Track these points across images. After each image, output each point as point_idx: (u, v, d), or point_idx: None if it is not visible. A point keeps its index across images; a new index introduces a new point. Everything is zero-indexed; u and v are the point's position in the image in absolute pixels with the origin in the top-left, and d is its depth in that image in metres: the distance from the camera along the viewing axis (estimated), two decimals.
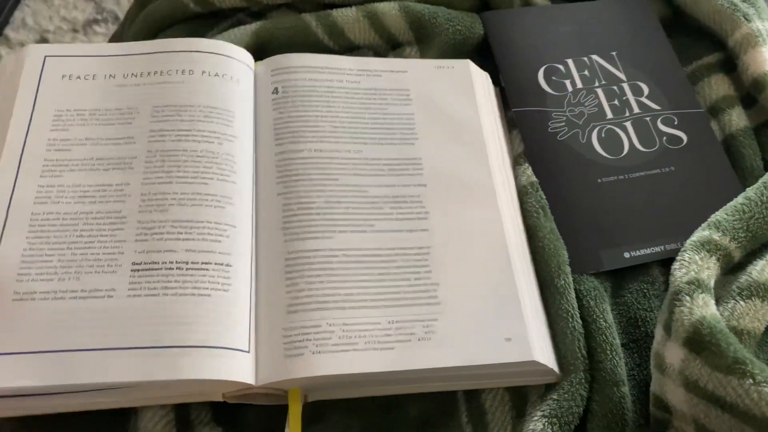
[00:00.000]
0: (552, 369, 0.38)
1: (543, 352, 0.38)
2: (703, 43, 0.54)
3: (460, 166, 0.44)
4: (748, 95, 0.51)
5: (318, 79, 0.47)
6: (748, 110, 0.50)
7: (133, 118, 0.43)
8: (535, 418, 0.37)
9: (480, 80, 0.50)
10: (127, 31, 0.57)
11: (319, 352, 0.37)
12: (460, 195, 0.43)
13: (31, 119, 0.43)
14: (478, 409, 0.39)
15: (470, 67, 0.49)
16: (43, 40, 0.83)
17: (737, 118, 0.49)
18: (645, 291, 0.42)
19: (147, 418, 0.37)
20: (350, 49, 0.53)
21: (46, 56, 0.46)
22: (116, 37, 0.60)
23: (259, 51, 0.51)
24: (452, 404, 0.39)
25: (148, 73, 0.45)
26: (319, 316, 0.38)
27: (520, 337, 0.38)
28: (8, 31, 0.84)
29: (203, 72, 0.45)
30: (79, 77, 0.45)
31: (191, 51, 0.46)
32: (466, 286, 0.40)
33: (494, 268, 0.41)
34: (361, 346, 0.37)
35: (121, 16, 0.97)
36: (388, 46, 0.53)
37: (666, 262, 0.43)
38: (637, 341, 0.41)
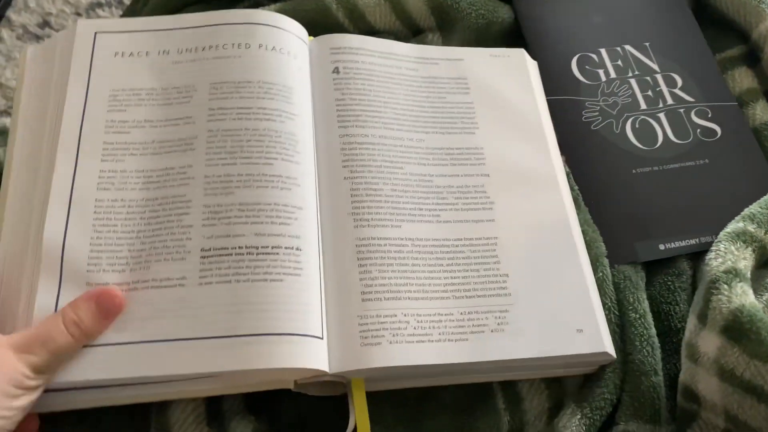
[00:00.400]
0: (613, 357, 0.39)
1: (609, 342, 0.39)
2: (727, 35, 0.54)
3: (522, 155, 0.44)
4: None
5: (377, 63, 0.46)
6: None
7: (191, 97, 0.41)
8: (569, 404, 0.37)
9: (533, 69, 0.50)
10: (140, 10, 0.57)
11: (397, 342, 0.36)
12: (523, 184, 0.43)
13: (86, 100, 0.40)
14: (515, 396, 0.39)
15: (524, 55, 0.49)
16: (45, 24, 0.83)
17: (761, 112, 0.49)
18: (670, 284, 0.42)
19: (179, 410, 0.36)
20: (370, 33, 0.52)
21: (96, 32, 0.43)
22: (127, 16, 0.59)
23: None
24: (488, 391, 0.39)
25: (203, 48, 0.42)
26: (393, 305, 0.37)
27: (591, 328, 0.38)
28: (10, 13, 0.84)
29: (260, 45, 0.43)
30: (132, 54, 0.42)
31: (246, 23, 0.43)
32: (536, 277, 0.40)
33: (561, 258, 0.41)
34: (436, 337, 0.37)
35: None
36: (409, 31, 0.53)
37: (694, 255, 0.43)
38: (660, 335, 0.41)
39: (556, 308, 0.39)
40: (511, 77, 0.48)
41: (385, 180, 0.41)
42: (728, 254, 0.37)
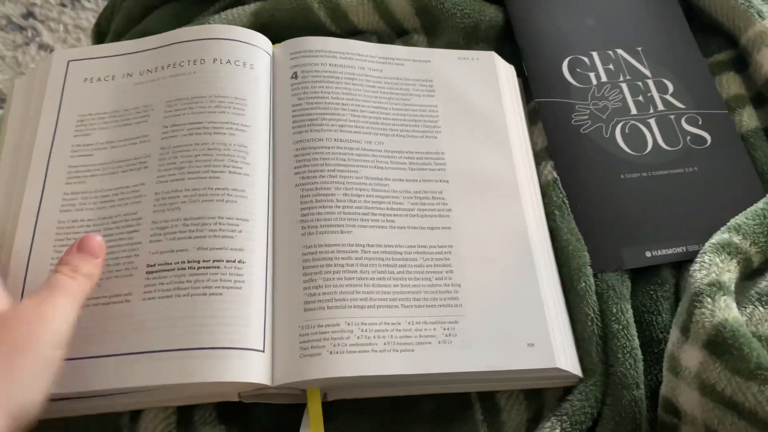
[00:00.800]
0: (574, 374, 0.38)
1: (566, 358, 0.38)
2: (716, 40, 0.53)
3: (484, 162, 0.43)
4: (758, 95, 0.50)
5: (339, 64, 0.45)
6: (759, 110, 0.49)
7: (148, 116, 0.43)
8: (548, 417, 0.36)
9: (505, 73, 0.48)
10: (119, 5, 0.56)
11: (337, 353, 0.36)
12: (483, 192, 0.42)
13: (56, 126, 0.43)
14: (493, 408, 0.39)
15: (495, 59, 0.48)
16: (29, 14, 0.82)
17: (748, 119, 0.49)
18: (653, 293, 0.42)
19: (148, 419, 0.37)
20: (353, 33, 0.51)
21: (69, 61, 0.45)
22: (108, 12, 0.59)
23: (259, 32, 0.49)
24: (466, 402, 0.39)
25: (162, 67, 0.44)
26: (337, 314, 0.37)
27: (543, 343, 0.37)
28: None
29: (214, 60, 0.44)
30: (99, 79, 0.45)
31: (202, 39, 0.44)
32: (489, 288, 0.39)
33: (517, 270, 0.40)
34: (380, 347, 0.36)
35: None
36: (393, 32, 0.52)
37: (678, 265, 0.43)
38: (642, 346, 0.40)
39: (507, 321, 0.38)
40: (479, 81, 0.46)
41: (338, 185, 0.41)
42: (713, 266, 0.37)
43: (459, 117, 0.45)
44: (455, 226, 0.41)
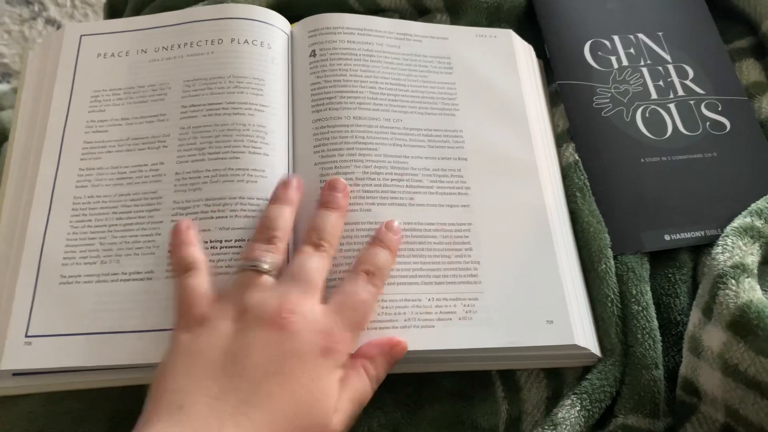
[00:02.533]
0: (593, 352, 0.38)
1: (585, 336, 0.38)
2: (736, 26, 0.53)
3: (502, 140, 0.43)
4: None
5: (356, 41, 0.45)
6: None
7: (165, 94, 0.43)
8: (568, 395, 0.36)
9: (523, 52, 0.48)
10: None
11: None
12: (501, 170, 0.42)
13: (70, 102, 0.43)
14: (514, 385, 0.39)
15: (513, 37, 0.48)
16: None
17: (767, 106, 0.49)
18: (671, 276, 0.42)
19: None
20: (376, 11, 0.51)
21: (81, 35, 0.45)
22: None
23: (282, 10, 0.49)
24: (487, 379, 0.39)
25: (179, 46, 0.44)
26: None
27: (561, 320, 0.38)
28: None
29: (232, 40, 0.44)
30: (113, 55, 0.45)
31: (219, 18, 0.45)
32: (508, 266, 0.39)
33: (536, 248, 0.40)
34: (401, 324, 0.37)
35: None
36: (416, 11, 0.52)
37: (695, 248, 0.43)
38: (660, 327, 0.40)
39: (526, 298, 0.38)
40: (497, 59, 0.47)
41: (357, 163, 0.41)
42: (735, 249, 0.37)
43: (477, 95, 0.45)
44: (474, 203, 0.41)
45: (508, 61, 0.47)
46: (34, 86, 0.44)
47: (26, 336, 0.36)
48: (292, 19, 0.47)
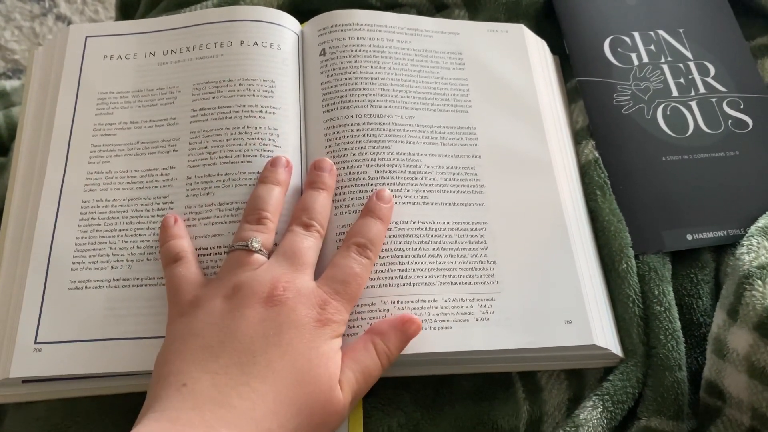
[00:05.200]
0: (613, 352, 0.38)
1: (604, 336, 0.38)
2: (758, 23, 0.53)
3: (515, 137, 0.43)
4: None
5: (366, 37, 0.45)
6: None
7: (174, 98, 0.43)
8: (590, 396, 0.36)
9: (535, 47, 0.48)
10: None
11: None
12: (515, 168, 0.42)
13: (76, 104, 0.43)
14: (534, 386, 0.39)
15: (524, 32, 0.48)
16: None
17: None
18: (693, 276, 0.42)
19: None
20: (393, 6, 0.51)
21: (87, 37, 0.45)
22: None
23: (299, 5, 0.49)
24: (508, 380, 0.39)
25: (187, 48, 0.44)
26: (372, 293, 0.37)
27: (580, 320, 0.37)
28: None
29: (241, 42, 0.44)
30: (120, 57, 0.45)
31: (227, 21, 0.45)
32: (524, 265, 0.39)
33: (552, 247, 0.40)
34: None
35: None
36: (433, 6, 0.51)
37: (718, 248, 0.43)
38: (682, 329, 0.40)
39: (544, 298, 0.38)
40: (508, 54, 0.46)
41: (369, 162, 0.41)
42: (761, 249, 0.36)
43: (489, 90, 0.45)
44: (489, 202, 0.41)
45: (521, 56, 0.46)
46: (40, 87, 0.44)
47: (35, 342, 0.36)
48: (311, 14, 0.47)
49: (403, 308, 0.36)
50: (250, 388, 0.31)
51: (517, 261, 0.39)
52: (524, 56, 0.46)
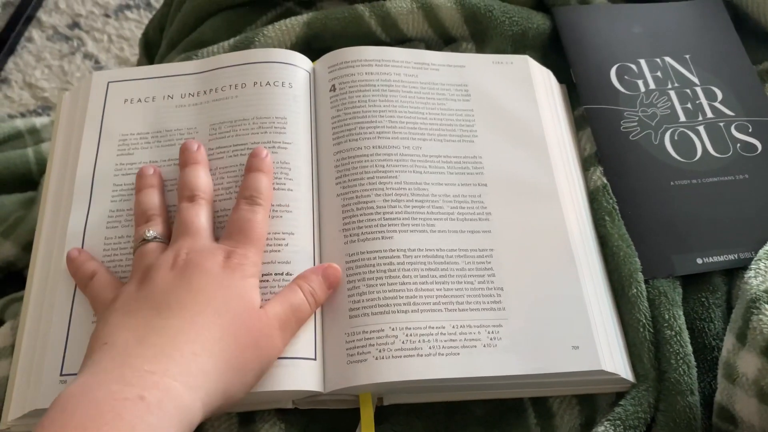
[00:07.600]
0: (622, 378, 0.38)
1: (612, 361, 0.38)
2: (764, 47, 0.53)
3: (521, 165, 0.44)
4: None
5: (374, 72, 0.47)
6: None
7: (192, 138, 0.45)
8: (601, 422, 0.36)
9: (541, 77, 0.50)
10: (173, 13, 0.58)
11: (383, 358, 0.37)
12: (521, 196, 0.43)
13: (99, 145, 0.45)
14: (546, 412, 0.39)
15: (529, 63, 0.49)
16: (75, 25, 0.85)
17: None
18: (704, 300, 0.42)
19: (213, 418, 0.38)
20: (402, 41, 0.53)
21: (109, 82, 0.48)
22: (155, 22, 0.61)
23: (311, 42, 0.51)
24: (519, 406, 0.40)
25: (204, 92, 0.47)
26: (381, 320, 0.38)
27: (587, 346, 0.38)
28: (41, 14, 0.86)
29: (255, 83, 0.46)
30: (139, 100, 0.47)
31: (241, 64, 0.47)
32: (531, 292, 0.40)
33: (559, 273, 0.41)
34: (426, 351, 0.37)
35: (154, 1, 0.98)
36: (441, 40, 0.53)
37: (729, 272, 0.43)
38: (694, 353, 0.40)
39: (551, 324, 0.38)
40: (514, 85, 0.48)
41: (377, 191, 0.42)
42: None
43: (495, 121, 0.46)
44: (495, 229, 0.42)
45: (525, 86, 0.48)
46: (66, 129, 0.47)
47: (61, 375, 0.37)
48: (322, 52, 0.49)
49: (411, 335, 0.37)
50: (168, 326, 0.33)
51: (524, 287, 0.40)
52: (529, 86, 0.48)
